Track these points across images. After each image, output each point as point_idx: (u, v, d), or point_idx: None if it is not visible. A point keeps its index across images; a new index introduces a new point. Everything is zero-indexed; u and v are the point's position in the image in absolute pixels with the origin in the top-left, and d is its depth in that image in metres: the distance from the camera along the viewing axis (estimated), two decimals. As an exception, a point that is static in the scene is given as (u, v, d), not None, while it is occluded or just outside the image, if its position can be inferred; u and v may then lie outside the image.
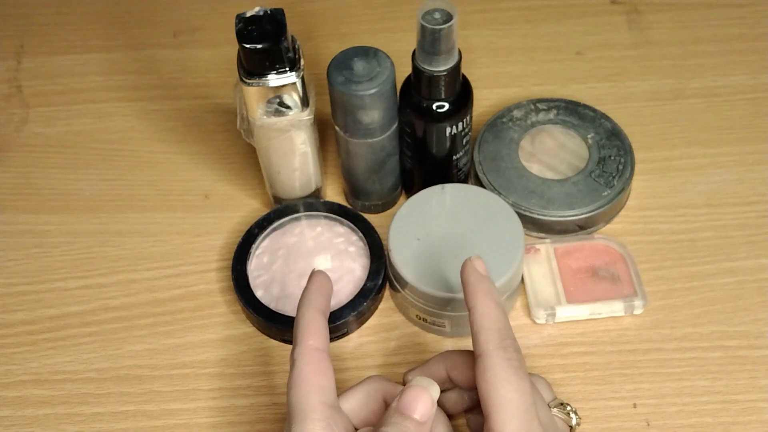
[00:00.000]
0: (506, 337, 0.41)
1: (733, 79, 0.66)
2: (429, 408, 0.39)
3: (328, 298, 0.45)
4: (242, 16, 0.49)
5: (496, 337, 0.40)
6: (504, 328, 0.41)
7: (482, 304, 0.42)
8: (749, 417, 0.49)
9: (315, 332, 0.42)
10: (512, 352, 0.40)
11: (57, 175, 0.63)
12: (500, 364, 0.39)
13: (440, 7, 0.48)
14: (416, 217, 0.52)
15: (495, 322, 0.41)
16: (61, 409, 0.51)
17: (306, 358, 0.41)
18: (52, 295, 0.56)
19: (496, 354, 0.40)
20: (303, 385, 0.40)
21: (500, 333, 0.40)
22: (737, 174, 0.60)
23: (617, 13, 0.72)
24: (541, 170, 0.58)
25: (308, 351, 0.41)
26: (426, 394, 0.40)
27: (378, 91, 0.50)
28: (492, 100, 0.65)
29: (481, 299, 0.42)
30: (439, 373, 0.45)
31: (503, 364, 0.39)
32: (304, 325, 0.42)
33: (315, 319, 0.43)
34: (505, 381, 0.39)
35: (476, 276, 0.43)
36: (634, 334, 0.53)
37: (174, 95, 0.68)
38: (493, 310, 0.41)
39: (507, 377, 0.39)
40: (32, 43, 0.72)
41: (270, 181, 0.57)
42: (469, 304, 0.42)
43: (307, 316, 0.43)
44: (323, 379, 0.41)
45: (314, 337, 0.42)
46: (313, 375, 0.40)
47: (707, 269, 0.55)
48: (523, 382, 0.39)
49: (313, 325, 0.42)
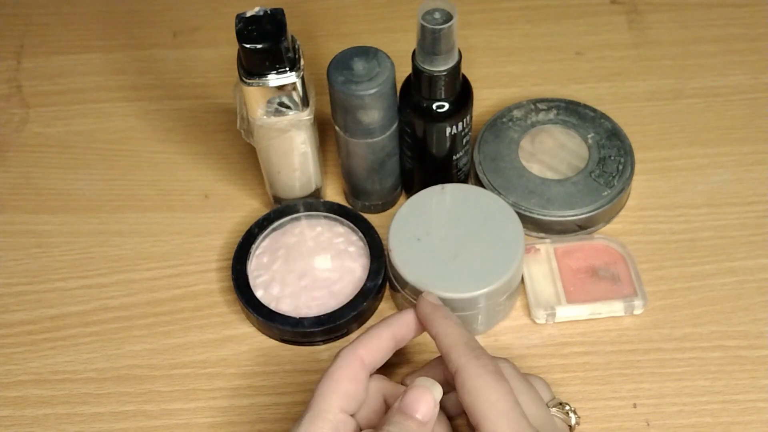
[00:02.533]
0: (475, 347, 0.42)
1: (733, 79, 0.66)
2: (431, 408, 0.40)
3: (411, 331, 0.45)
4: (242, 16, 0.49)
5: (466, 350, 0.41)
6: (470, 341, 0.42)
7: (443, 326, 0.43)
8: (749, 417, 0.49)
9: (373, 349, 0.43)
10: (485, 359, 0.41)
11: (57, 175, 0.63)
12: (476, 372, 0.40)
13: (440, 7, 0.48)
14: (416, 217, 0.52)
15: (460, 337, 0.42)
16: (61, 409, 0.51)
17: (348, 360, 0.42)
18: (52, 295, 0.56)
19: (470, 364, 0.40)
20: (332, 385, 0.41)
21: (468, 345, 0.41)
22: (737, 174, 0.60)
23: (617, 13, 0.72)
24: (541, 170, 0.58)
25: (355, 356, 0.42)
26: (428, 394, 0.40)
27: (378, 91, 0.50)
28: (492, 100, 0.65)
29: (440, 323, 0.43)
30: (438, 376, 0.45)
31: (479, 371, 0.40)
32: (369, 337, 0.43)
33: (383, 341, 0.43)
34: (485, 386, 0.40)
35: (430, 307, 0.45)
36: (634, 334, 0.53)
37: (174, 95, 0.68)
38: (455, 328, 0.43)
39: (486, 382, 0.40)
40: (32, 43, 0.72)
41: (270, 181, 0.57)
42: (432, 332, 0.43)
43: (377, 332, 0.44)
44: (354, 387, 0.41)
45: (370, 352, 0.43)
46: (347, 379, 0.41)
47: (707, 269, 0.55)
48: (501, 384, 0.40)
49: (377, 343, 0.43)
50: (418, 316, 0.45)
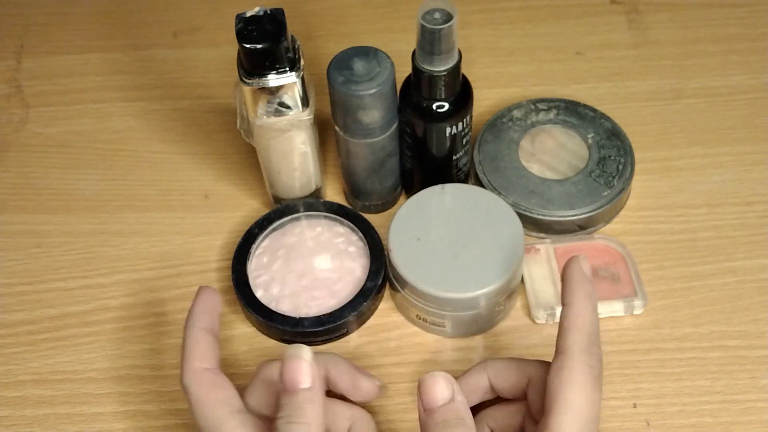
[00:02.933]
0: (594, 343, 0.40)
1: (733, 79, 0.66)
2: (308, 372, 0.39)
3: (214, 313, 0.45)
4: (242, 16, 0.49)
5: (585, 340, 0.39)
6: (594, 334, 0.40)
7: (579, 304, 0.41)
8: (749, 417, 0.49)
9: (200, 352, 0.42)
10: (596, 360, 0.39)
11: (57, 175, 0.63)
12: (580, 368, 0.38)
13: (440, 7, 0.48)
14: (416, 217, 0.52)
15: (588, 325, 0.40)
16: (61, 409, 0.51)
17: (197, 382, 0.41)
18: (52, 295, 0.56)
19: (579, 357, 0.39)
20: (205, 405, 0.41)
21: (589, 338, 0.39)
22: (737, 174, 0.60)
23: (617, 13, 0.72)
24: (541, 170, 0.58)
25: (196, 374, 0.42)
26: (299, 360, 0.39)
27: (378, 91, 0.50)
28: (492, 100, 0.65)
29: (579, 299, 0.41)
30: (481, 382, 0.44)
31: (583, 368, 0.38)
32: (187, 348, 0.43)
33: (199, 339, 0.43)
34: (578, 385, 0.38)
35: (581, 275, 0.42)
36: (634, 334, 0.53)
37: (174, 95, 0.68)
38: (590, 313, 0.40)
39: (582, 382, 0.38)
40: (32, 43, 0.72)
41: (270, 181, 0.57)
42: (566, 300, 0.41)
43: (190, 337, 0.43)
44: (221, 392, 0.41)
45: (199, 357, 0.42)
46: (210, 393, 0.41)
47: (707, 269, 0.55)
48: (595, 393, 0.38)
49: (197, 346, 0.43)
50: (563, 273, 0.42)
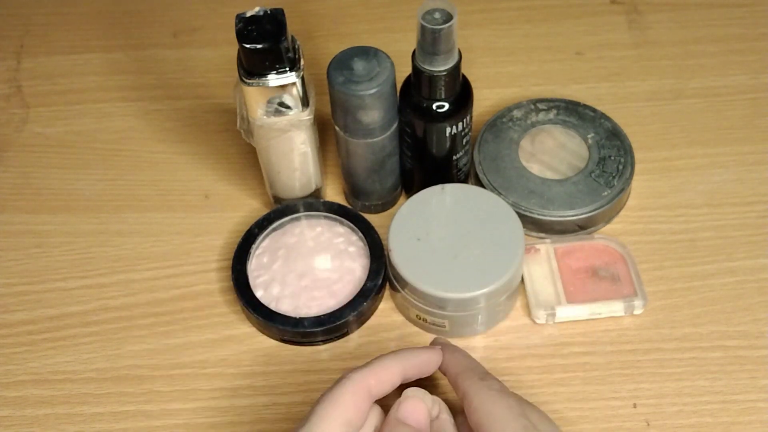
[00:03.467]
0: (481, 372, 0.43)
1: (733, 79, 0.66)
2: (424, 416, 0.42)
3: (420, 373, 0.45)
4: (242, 16, 0.49)
5: (471, 374, 0.43)
6: (476, 367, 0.44)
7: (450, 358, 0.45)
8: (749, 417, 0.49)
9: (382, 380, 0.42)
10: (490, 380, 0.42)
11: (57, 175, 0.63)
12: (482, 391, 0.42)
13: (440, 7, 0.48)
14: (416, 217, 0.52)
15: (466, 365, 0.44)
16: (61, 409, 0.51)
17: (355, 387, 0.41)
18: (52, 295, 0.56)
19: (475, 385, 0.42)
20: (336, 408, 0.41)
21: (473, 371, 0.43)
22: (737, 174, 0.60)
23: (617, 13, 0.72)
24: (541, 170, 0.58)
25: (363, 384, 0.42)
26: (421, 403, 0.43)
27: (378, 91, 0.50)
28: (492, 100, 0.65)
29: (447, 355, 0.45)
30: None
31: (484, 391, 0.42)
32: (381, 367, 0.43)
33: (393, 372, 0.43)
34: (488, 402, 0.41)
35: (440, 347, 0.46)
36: (634, 334, 0.53)
37: (174, 95, 0.68)
38: (462, 359, 0.45)
39: (491, 399, 0.41)
40: (32, 43, 0.72)
41: (270, 181, 0.57)
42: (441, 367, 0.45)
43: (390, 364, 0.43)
44: (357, 415, 0.41)
45: (378, 382, 0.42)
46: (353, 406, 0.41)
47: (707, 269, 0.55)
48: (508, 399, 0.41)
49: (387, 375, 0.43)
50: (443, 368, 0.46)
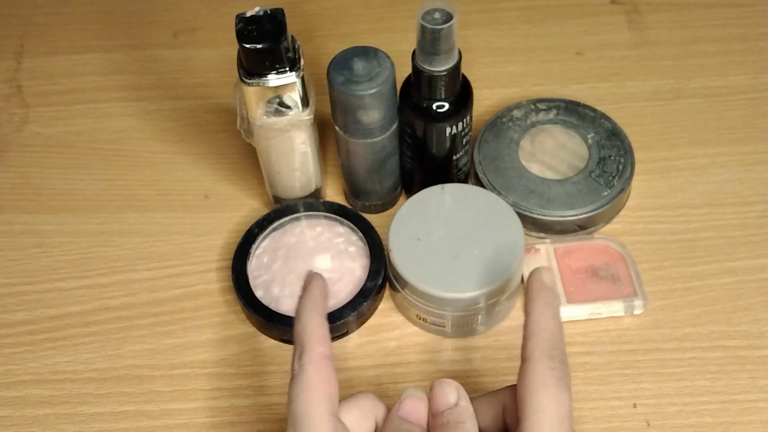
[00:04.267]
0: (554, 347, 0.40)
1: (733, 79, 0.66)
2: (424, 415, 0.42)
3: (327, 301, 0.44)
4: (242, 16, 0.49)
5: (544, 345, 0.40)
6: (554, 339, 0.40)
7: (538, 313, 0.41)
8: (749, 417, 0.49)
9: (322, 339, 0.41)
10: (557, 362, 0.39)
11: (57, 175, 0.63)
12: (542, 371, 0.39)
13: (440, 7, 0.48)
14: (416, 217, 0.52)
15: (546, 331, 0.40)
16: (61, 409, 0.51)
17: (316, 366, 0.40)
18: (52, 295, 0.56)
19: (541, 361, 0.39)
20: (312, 394, 0.39)
21: (549, 342, 0.40)
22: (737, 174, 0.60)
23: (617, 13, 0.72)
24: (541, 170, 0.58)
25: (318, 358, 0.40)
26: (422, 402, 0.42)
27: (378, 91, 0.50)
28: (492, 100, 0.65)
29: (538, 307, 0.41)
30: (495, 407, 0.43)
31: (546, 371, 0.39)
32: (311, 331, 0.41)
33: (321, 325, 0.42)
34: (543, 388, 0.38)
35: (539, 284, 0.42)
36: (634, 334, 0.53)
37: (174, 95, 0.68)
38: (549, 320, 0.41)
39: (546, 385, 0.38)
40: (32, 43, 0.72)
41: (270, 181, 0.57)
42: (526, 310, 0.42)
43: (313, 322, 0.42)
44: (331, 387, 0.40)
45: (322, 343, 0.41)
46: (322, 384, 0.40)
47: (707, 269, 0.55)
48: (562, 393, 0.38)
49: (320, 331, 0.41)
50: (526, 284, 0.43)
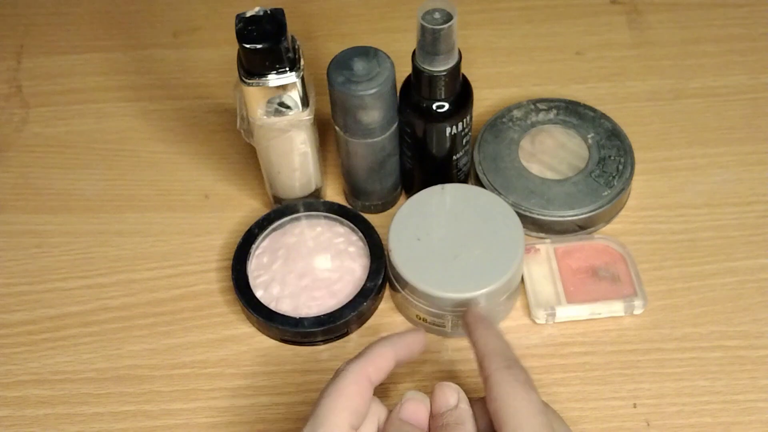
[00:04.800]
0: (508, 357, 0.41)
1: (733, 79, 0.66)
2: (425, 418, 0.42)
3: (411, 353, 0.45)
4: (242, 16, 0.49)
5: (499, 359, 0.41)
6: (505, 350, 0.42)
7: (482, 336, 0.43)
8: (749, 417, 0.49)
9: (379, 367, 0.43)
10: (516, 369, 0.41)
11: (57, 175, 0.63)
12: (506, 380, 0.40)
13: (440, 7, 0.48)
14: (416, 217, 0.52)
15: (496, 347, 0.42)
16: (61, 409, 0.51)
17: (356, 377, 0.41)
18: (52, 295, 0.56)
19: (499, 372, 0.40)
20: (341, 399, 0.41)
21: (502, 355, 0.42)
22: (737, 174, 0.60)
23: (617, 13, 0.72)
24: (541, 170, 0.58)
25: (363, 373, 0.42)
26: (423, 405, 0.43)
27: (378, 91, 0.50)
28: (492, 100, 0.65)
29: (481, 333, 0.43)
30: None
31: (508, 379, 0.40)
32: (375, 355, 0.43)
33: (387, 358, 0.43)
34: (511, 392, 0.39)
35: (474, 317, 0.45)
36: (634, 334, 0.53)
37: (174, 95, 0.68)
38: (493, 338, 0.43)
39: (513, 391, 0.40)
40: (32, 43, 0.72)
41: (270, 181, 0.57)
42: (471, 341, 0.44)
43: (383, 351, 0.43)
44: (361, 404, 0.41)
45: (375, 369, 0.42)
46: (357, 395, 0.41)
47: (707, 269, 0.55)
48: (529, 392, 0.40)
49: (382, 361, 0.43)
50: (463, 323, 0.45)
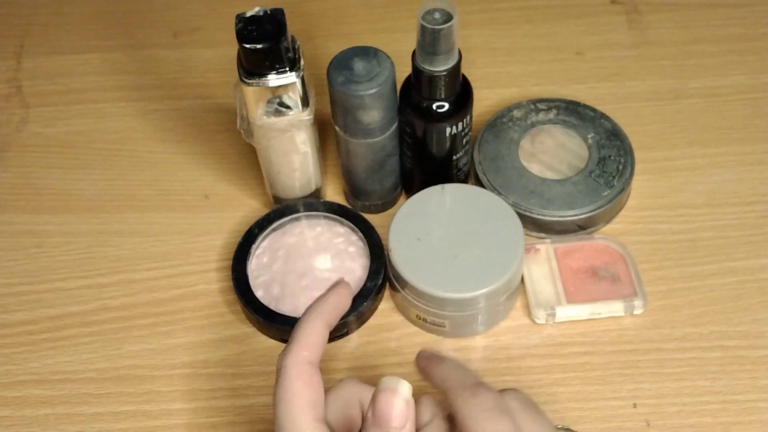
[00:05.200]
0: (472, 385, 0.40)
1: (733, 79, 0.66)
2: (403, 410, 0.38)
3: (340, 313, 0.44)
4: (242, 16, 0.49)
5: (462, 391, 0.40)
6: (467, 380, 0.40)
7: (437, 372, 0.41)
8: (749, 417, 0.49)
9: (313, 345, 0.41)
10: (482, 395, 0.39)
11: (57, 175, 0.63)
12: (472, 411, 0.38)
13: (440, 7, 0.48)
14: (416, 217, 0.52)
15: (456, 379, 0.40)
16: (61, 409, 0.51)
17: (297, 371, 0.40)
18: (52, 295, 0.56)
19: (466, 404, 0.39)
20: (295, 400, 0.39)
21: (464, 386, 0.40)
22: (737, 174, 0.60)
23: (617, 13, 0.72)
24: (541, 170, 0.58)
25: (300, 362, 0.40)
26: (396, 396, 0.38)
27: (378, 91, 0.50)
28: (492, 100, 0.65)
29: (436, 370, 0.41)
30: None
31: (475, 410, 0.38)
32: (306, 335, 0.41)
33: (319, 332, 0.41)
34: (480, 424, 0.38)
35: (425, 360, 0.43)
36: (634, 334, 0.53)
37: (174, 95, 0.68)
38: (451, 370, 0.41)
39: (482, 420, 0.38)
40: (32, 43, 0.72)
41: (270, 181, 0.57)
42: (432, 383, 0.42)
43: (312, 326, 0.41)
44: (314, 393, 0.40)
45: (311, 349, 0.40)
46: (304, 388, 0.39)
47: (707, 269, 0.55)
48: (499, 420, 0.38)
49: (313, 338, 0.41)
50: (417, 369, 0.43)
